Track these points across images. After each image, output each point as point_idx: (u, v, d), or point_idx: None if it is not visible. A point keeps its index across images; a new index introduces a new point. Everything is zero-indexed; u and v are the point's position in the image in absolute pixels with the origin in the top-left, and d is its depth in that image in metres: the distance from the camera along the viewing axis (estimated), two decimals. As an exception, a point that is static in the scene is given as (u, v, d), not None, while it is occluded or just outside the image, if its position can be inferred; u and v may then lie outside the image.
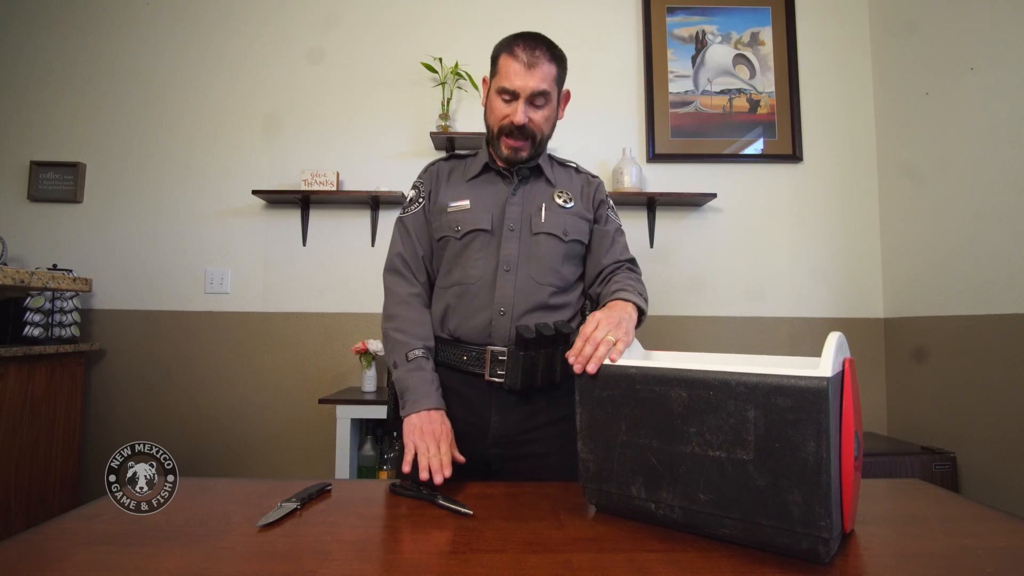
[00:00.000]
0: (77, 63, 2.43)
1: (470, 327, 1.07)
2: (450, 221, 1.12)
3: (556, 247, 1.10)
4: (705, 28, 2.48)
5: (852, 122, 2.47)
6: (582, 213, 1.15)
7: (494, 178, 1.17)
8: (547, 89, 1.07)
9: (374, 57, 2.45)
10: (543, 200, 1.13)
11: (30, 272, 1.83)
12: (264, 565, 0.61)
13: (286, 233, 2.39)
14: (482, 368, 1.06)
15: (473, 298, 1.07)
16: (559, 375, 1.05)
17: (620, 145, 2.38)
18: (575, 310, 1.14)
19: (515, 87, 1.05)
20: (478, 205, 1.12)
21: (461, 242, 1.10)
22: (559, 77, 1.11)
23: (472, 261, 1.09)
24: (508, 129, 1.08)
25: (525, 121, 1.06)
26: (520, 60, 1.05)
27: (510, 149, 1.10)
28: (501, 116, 1.08)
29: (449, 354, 1.10)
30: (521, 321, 1.05)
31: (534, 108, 1.08)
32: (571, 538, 0.68)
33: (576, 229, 1.13)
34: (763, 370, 0.63)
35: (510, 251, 1.09)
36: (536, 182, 1.17)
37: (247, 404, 2.33)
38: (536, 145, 1.12)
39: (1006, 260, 1.81)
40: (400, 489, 0.85)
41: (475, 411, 1.07)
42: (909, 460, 1.94)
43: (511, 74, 1.05)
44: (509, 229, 1.10)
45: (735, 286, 2.40)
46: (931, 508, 0.81)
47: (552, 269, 1.09)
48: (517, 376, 1.01)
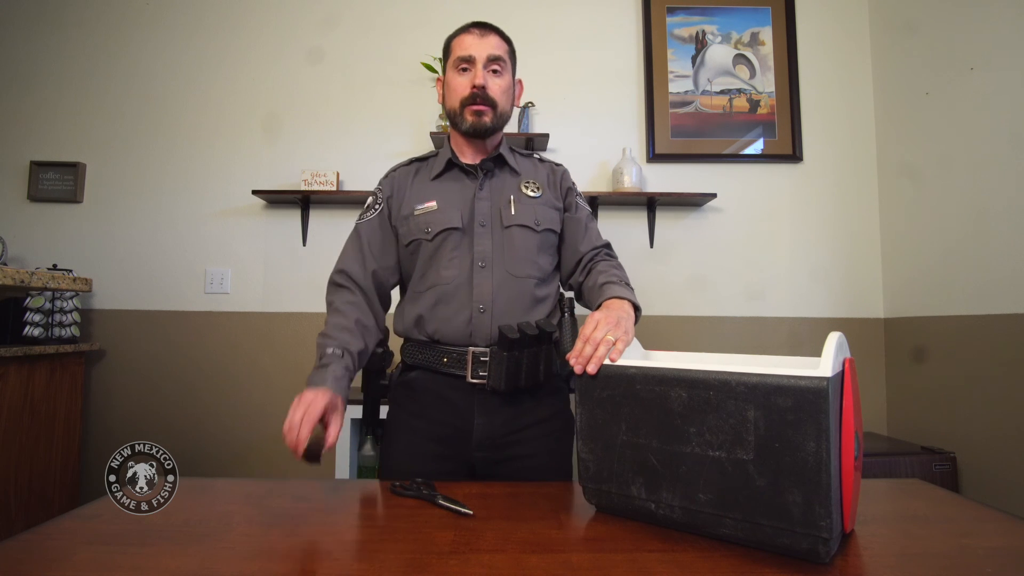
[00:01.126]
0: (77, 63, 2.42)
1: (449, 328, 1.05)
2: (419, 224, 1.10)
3: (530, 238, 1.09)
4: (705, 28, 2.48)
5: (852, 122, 2.47)
6: (551, 202, 1.15)
7: (458, 175, 1.15)
8: (502, 55, 1.10)
9: (374, 57, 2.45)
10: (511, 192, 1.12)
11: (30, 272, 1.84)
12: (264, 565, 0.61)
13: (286, 233, 2.39)
14: (463, 370, 1.04)
15: (451, 298, 1.06)
16: (543, 374, 1.04)
17: (620, 145, 2.38)
18: (553, 303, 1.13)
19: (471, 53, 1.09)
20: (445, 204, 1.11)
21: (433, 243, 1.09)
22: (511, 53, 1.15)
23: (446, 261, 1.08)
24: (470, 98, 1.08)
25: (484, 82, 1.08)
26: (472, 33, 1.11)
27: (474, 115, 1.09)
28: (461, 87, 1.09)
29: (428, 357, 1.08)
30: (503, 318, 1.03)
31: (492, 75, 1.09)
32: (571, 538, 0.68)
33: (547, 218, 1.12)
34: (763, 370, 0.63)
35: (484, 247, 1.08)
36: (501, 174, 1.16)
37: (247, 404, 2.32)
38: (497, 116, 1.11)
39: (1006, 260, 1.81)
40: (400, 489, 0.85)
41: (458, 414, 1.06)
42: (909, 460, 1.94)
43: (466, 45, 1.10)
44: (480, 225, 1.09)
45: (735, 286, 2.40)
46: (931, 508, 0.81)
47: (529, 261, 1.09)
48: (501, 377, 1.00)
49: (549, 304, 1.10)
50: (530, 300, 1.07)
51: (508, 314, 1.04)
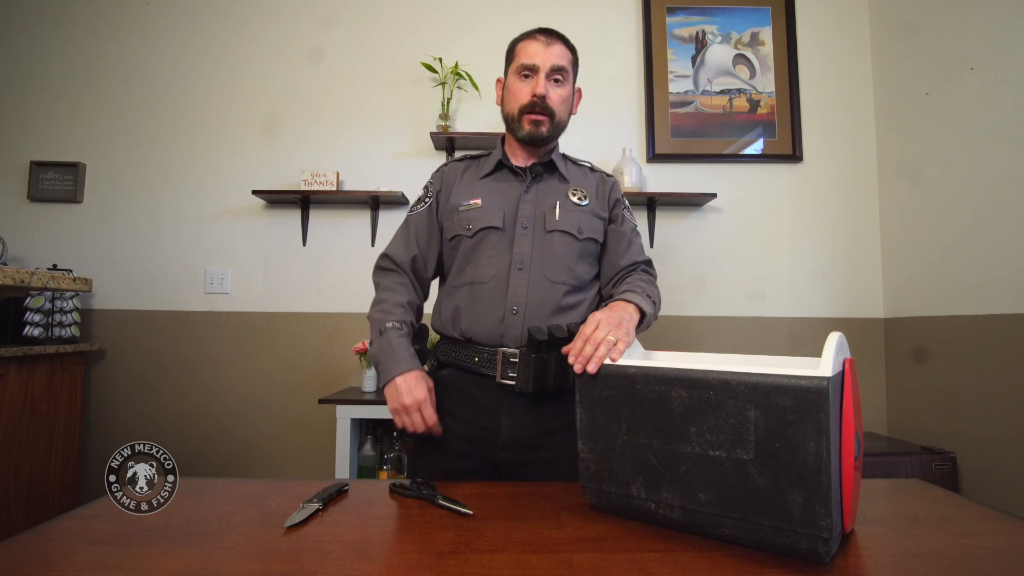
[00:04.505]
0: (77, 63, 2.43)
1: (481, 327, 1.06)
2: (462, 220, 1.12)
3: (570, 245, 1.09)
4: (705, 28, 2.48)
5: (852, 122, 2.47)
6: (597, 211, 1.15)
7: (507, 176, 1.16)
8: (565, 66, 1.10)
9: (374, 57, 2.44)
10: (557, 198, 1.13)
11: (30, 272, 1.84)
12: (264, 565, 0.61)
13: (286, 233, 2.39)
14: (493, 370, 1.04)
15: (485, 297, 1.06)
16: (571, 378, 1.04)
17: (620, 145, 2.38)
18: (590, 309, 1.12)
19: (535, 62, 1.08)
20: (490, 203, 1.12)
21: (473, 240, 1.10)
22: (574, 63, 1.15)
23: (485, 259, 1.08)
24: (529, 106, 1.09)
25: (545, 91, 1.08)
26: (539, 40, 1.10)
27: (531, 124, 1.10)
28: (521, 94, 1.10)
29: (460, 355, 1.09)
30: (534, 321, 1.03)
31: (553, 84, 1.10)
32: (571, 538, 0.68)
33: (591, 227, 1.12)
34: (763, 370, 0.63)
35: (523, 249, 1.08)
36: (550, 180, 1.16)
37: (247, 404, 2.33)
38: (554, 126, 1.12)
39: (1006, 260, 1.81)
40: (400, 489, 0.85)
41: (485, 414, 1.06)
42: (909, 460, 1.94)
43: (531, 52, 1.09)
44: (522, 227, 1.09)
45: (735, 286, 2.40)
46: (931, 508, 0.81)
47: (566, 268, 1.08)
48: (528, 378, 0.99)
49: (581, 312, 1.09)
50: (558, 305, 1.07)
51: (538, 318, 1.05)
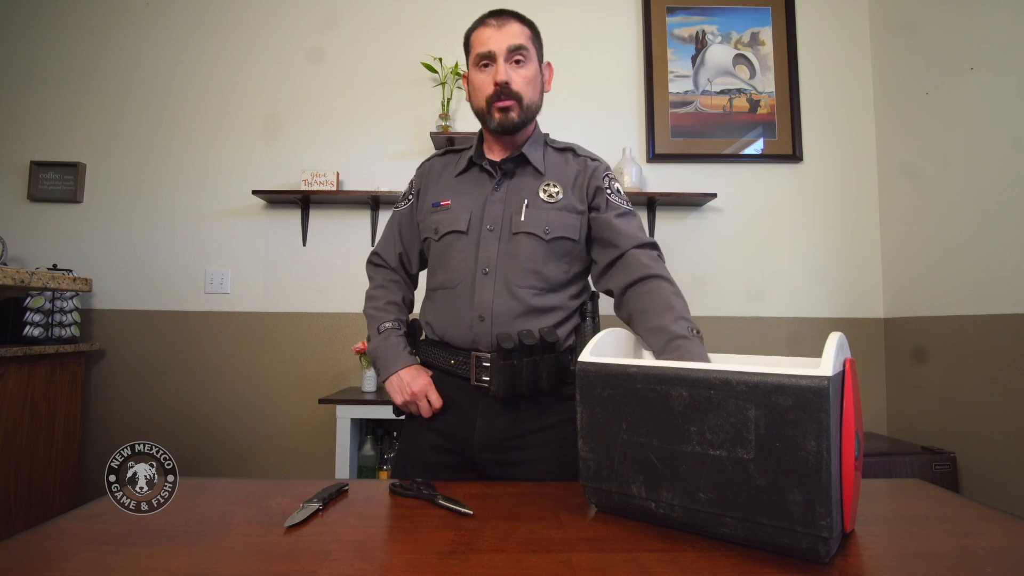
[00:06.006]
0: (77, 63, 2.43)
1: (454, 332, 1.05)
2: (432, 222, 1.11)
3: (536, 247, 1.04)
4: (705, 28, 2.48)
5: (852, 122, 2.47)
6: (572, 206, 1.07)
7: (478, 174, 1.12)
8: (523, 44, 1.04)
9: (374, 57, 2.45)
10: (526, 196, 1.07)
11: (30, 272, 1.83)
12: (264, 565, 0.61)
13: (286, 233, 2.39)
14: (468, 372, 1.04)
15: (454, 302, 1.05)
16: (546, 382, 1.01)
17: (620, 145, 2.38)
18: (569, 312, 1.07)
19: (490, 48, 1.03)
20: (458, 204, 1.09)
21: (440, 244, 1.08)
22: (534, 39, 1.09)
23: (453, 264, 1.06)
24: (494, 95, 1.04)
25: (507, 77, 1.03)
26: (490, 25, 1.05)
27: (500, 112, 1.04)
28: (485, 85, 1.05)
29: (438, 357, 1.08)
30: (502, 327, 1.01)
31: (515, 66, 1.04)
32: (571, 538, 0.68)
33: (562, 225, 1.05)
34: (764, 369, 0.63)
35: (489, 253, 1.04)
36: (523, 175, 1.10)
37: (247, 404, 2.33)
38: (524, 109, 1.05)
39: (1006, 260, 1.81)
40: (400, 489, 0.85)
41: (462, 414, 1.06)
42: (909, 460, 1.94)
43: (484, 39, 1.05)
44: (488, 229, 1.05)
45: (735, 286, 2.40)
46: (931, 508, 0.81)
47: (533, 271, 1.03)
48: (500, 383, 0.99)
49: (557, 315, 1.05)
50: (525, 310, 1.03)
51: (507, 324, 1.02)
